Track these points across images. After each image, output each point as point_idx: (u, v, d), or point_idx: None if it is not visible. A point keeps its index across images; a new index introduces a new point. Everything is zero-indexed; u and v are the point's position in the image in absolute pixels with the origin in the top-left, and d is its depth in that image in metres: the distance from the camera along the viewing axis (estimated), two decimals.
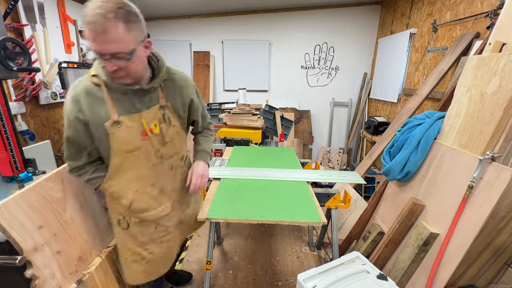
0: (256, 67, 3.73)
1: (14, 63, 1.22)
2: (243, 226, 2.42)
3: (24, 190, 0.93)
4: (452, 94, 1.44)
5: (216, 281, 1.80)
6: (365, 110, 3.70)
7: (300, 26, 3.58)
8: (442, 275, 1.18)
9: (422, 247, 1.28)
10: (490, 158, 1.09)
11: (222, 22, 3.60)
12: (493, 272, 1.26)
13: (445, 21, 2.27)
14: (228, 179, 1.60)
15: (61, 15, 2.29)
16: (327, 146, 4.01)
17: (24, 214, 0.90)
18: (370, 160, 2.43)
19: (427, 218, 1.36)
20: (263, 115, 2.80)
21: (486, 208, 1.07)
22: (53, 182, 1.05)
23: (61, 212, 1.05)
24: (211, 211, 1.24)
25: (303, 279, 1.07)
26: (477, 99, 1.23)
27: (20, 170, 1.15)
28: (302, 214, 1.23)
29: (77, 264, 1.07)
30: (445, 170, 1.33)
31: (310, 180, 1.62)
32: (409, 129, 1.54)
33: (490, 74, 1.19)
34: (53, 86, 2.18)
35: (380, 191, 1.79)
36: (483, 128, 1.18)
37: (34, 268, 0.89)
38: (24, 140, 1.98)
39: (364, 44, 3.61)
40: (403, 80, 2.88)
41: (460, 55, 1.99)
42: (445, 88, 2.19)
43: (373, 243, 1.63)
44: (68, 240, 1.06)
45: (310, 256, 2.07)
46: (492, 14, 1.79)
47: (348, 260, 1.17)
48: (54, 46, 2.21)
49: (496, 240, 1.19)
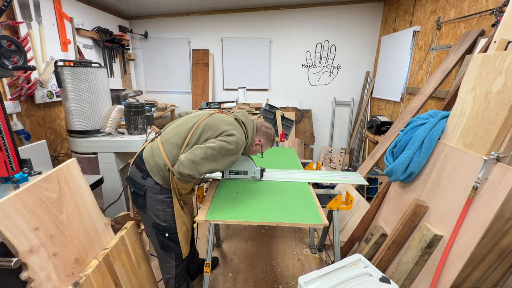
0: (256, 65, 3.70)
1: (9, 61, 1.20)
2: (243, 227, 2.40)
3: (19, 191, 0.92)
4: (456, 93, 1.43)
5: (216, 284, 1.79)
6: (367, 109, 3.67)
7: (301, 23, 3.55)
8: (446, 278, 1.16)
9: (425, 249, 1.26)
10: (495, 159, 1.07)
11: (221, 20, 3.57)
12: (498, 275, 1.24)
13: (449, 18, 2.24)
14: (228, 180, 1.58)
15: (57, 12, 2.27)
16: (328, 146, 3.98)
17: (19, 215, 0.89)
18: (372, 160, 2.41)
19: (430, 219, 1.34)
20: (263, 115, 2.78)
21: (491, 209, 1.05)
22: (49, 182, 1.04)
23: (57, 213, 1.04)
24: (210, 213, 1.23)
25: (304, 282, 1.06)
26: (482, 98, 1.22)
27: (15, 171, 1.13)
28: (303, 215, 1.21)
29: (74, 266, 1.05)
30: (449, 170, 1.31)
31: (311, 181, 1.60)
32: (412, 128, 1.52)
33: (495, 72, 1.17)
34: (49, 85, 2.16)
35: (382, 192, 1.77)
36: (488, 128, 1.16)
37: (29, 270, 0.88)
38: (19, 140, 1.97)
39: (366, 42, 3.57)
40: (406, 78, 2.85)
41: (465, 53, 1.96)
42: (449, 87, 2.16)
43: (376, 245, 1.61)
44: (65, 242, 1.04)
45: (311, 259, 2.05)
46: (497, 12, 1.76)
47: (350, 262, 1.16)
48: (50, 44, 2.19)
49: (502, 242, 1.17)
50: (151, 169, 1.25)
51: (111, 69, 3.14)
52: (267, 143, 1.48)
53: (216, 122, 1.29)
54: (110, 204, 2.09)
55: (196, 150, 1.16)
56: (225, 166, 1.24)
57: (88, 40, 2.75)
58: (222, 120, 1.31)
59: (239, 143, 1.25)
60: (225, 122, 1.29)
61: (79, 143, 2.01)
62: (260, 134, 1.46)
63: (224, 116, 1.35)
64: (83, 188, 1.21)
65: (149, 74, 3.79)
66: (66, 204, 1.09)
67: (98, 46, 2.91)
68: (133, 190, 1.30)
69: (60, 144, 2.39)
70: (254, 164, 1.57)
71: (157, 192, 1.26)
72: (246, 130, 1.35)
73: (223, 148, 1.19)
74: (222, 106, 2.91)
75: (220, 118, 1.32)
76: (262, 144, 1.45)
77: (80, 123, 1.97)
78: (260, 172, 1.58)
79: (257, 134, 1.45)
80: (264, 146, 1.48)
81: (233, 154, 1.24)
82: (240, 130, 1.30)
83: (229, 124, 1.29)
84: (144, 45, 3.67)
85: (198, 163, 1.14)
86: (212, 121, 1.29)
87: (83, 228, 1.15)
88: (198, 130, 1.26)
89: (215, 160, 1.18)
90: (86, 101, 1.94)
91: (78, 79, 1.88)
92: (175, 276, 1.40)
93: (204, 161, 1.15)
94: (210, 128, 1.26)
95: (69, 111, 1.95)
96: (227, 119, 1.32)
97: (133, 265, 1.34)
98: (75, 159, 1.22)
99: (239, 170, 1.58)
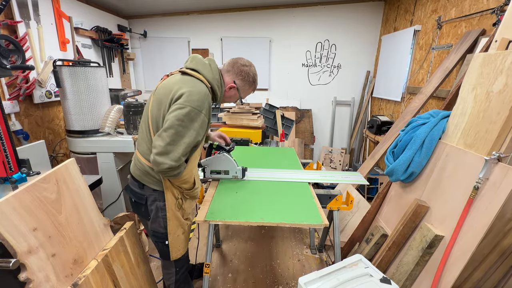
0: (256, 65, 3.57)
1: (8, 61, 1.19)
2: (242, 228, 2.40)
3: (17, 191, 0.92)
4: (457, 92, 1.42)
5: (215, 284, 1.78)
6: (368, 109, 3.66)
7: (301, 23, 3.54)
8: (447, 279, 1.15)
9: (426, 249, 1.26)
10: (496, 159, 1.07)
11: (221, 19, 3.56)
12: (499, 276, 1.24)
13: (450, 17, 2.23)
14: (228, 180, 1.57)
15: (56, 11, 2.26)
16: (329, 146, 3.98)
17: (18, 215, 0.89)
18: (373, 160, 2.40)
19: (431, 220, 1.34)
20: (263, 114, 2.77)
21: (492, 209, 1.05)
22: (47, 183, 1.03)
23: (56, 213, 1.04)
24: (209, 213, 1.22)
25: (304, 282, 1.05)
26: (483, 98, 1.21)
27: (13, 171, 1.13)
28: (303, 216, 1.21)
29: (73, 267, 1.05)
30: (450, 170, 1.30)
31: (311, 181, 1.59)
32: (413, 128, 1.51)
33: (496, 72, 1.16)
34: (47, 85, 2.15)
35: (383, 192, 1.77)
36: (489, 128, 1.15)
37: (28, 271, 0.87)
38: (17, 140, 1.96)
39: (367, 42, 3.57)
40: (407, 78, 2.84)
41: (466, 53, 1.95)
42: (450, 87, 2.16)
43: (376, 245, 1.60)
44: (63, 242, 1.04)
45: (311, 259, 2.05)
46: (499, 11, 1.75)
47: (350, 263, 1.16)
48: (48, 44, 2.18)
49: (503, 242, 1.16)
50: (142, 179, 1.17)
51: (110, 69, 3.13)
52: (244, 84, 1.22)
53: (162, 94, 1.08)
54: (109, 205, 2.08)
55: (156, 141, 1.01)
56: (199, 132, 1.06)
57: (87, 39, 2.74)
58: (167, 86, 1.09)
59: (195, 98, 1.02)
60: (169, 87, 1.07)
61: (78, 143, 2.00)
62: (234, 74, 1.19)
63: (168, 81, 1.13)
64: (82, 189, 1.21)
65: (148, 73, 3.79)
66: (64, 204, 1.08)
67: (97, 45, 2.90)
68: (134, 200, 1.23)
69: (59, 144, 2.38)
70: (235, 164, 1.53)
71: (157, 199, 1.18)
72: (203, 75, 1.11)
73: (179, 117, 1.00)
74: (222, 106, 2.90)
75: (165, 86, 1.10)
76: (238, 86, 1.20)
77: (79, 123, 1.97)
78: (242, 172, 1.54)
79: (229, 73, 1.20)
80: (242, 89, 1.23)
81: (197, 114, 1.03)
82: (190, 82, 1.07)
83: (175, 84, 1.07)
84: (143, 45, 3.66)
85: (168, 151, 1.00)
86: (158, 96, 1.09)
87: (82, 228, 1.14)
88: (153, 114, 1.09)
89: (182, 135, 1.01)
90: (85, 101, 1.93)
91: (77, 79, 1.87)
92: (175, 282, 1.33)
93: (171, 146, 1.00)
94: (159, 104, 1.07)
95: (68, 111, 1.94)
96: (171, 81, 1.11)
97: (132, 265, 1.33)
98: (73, 159, 1.21)
99: (220, 169, 1.53)
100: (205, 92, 1.07)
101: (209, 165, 1.52)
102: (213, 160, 1.51)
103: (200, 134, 1.07)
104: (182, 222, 1.24)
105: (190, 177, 1.18)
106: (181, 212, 1.23)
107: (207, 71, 1.12)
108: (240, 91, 1.23)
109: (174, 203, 1.19)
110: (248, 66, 1.23)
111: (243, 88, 1.24)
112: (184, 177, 1.14)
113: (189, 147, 1.05)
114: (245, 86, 1.24)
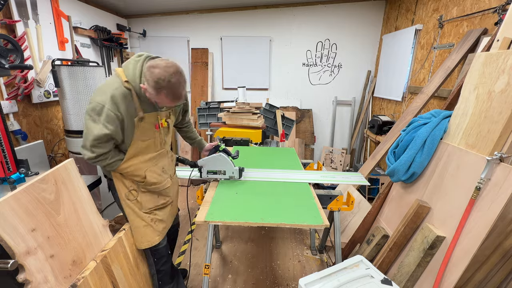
0: (256, 64, 3.68)
1: (6, 60, 1.19)
2: (242, 229, 2.39)
3: (16, 192, 0.91)
4: (459, 92, 1.41)
5: (215, 285, 1.77)
6: (369, 109, 3.65)
7: (301, 22, 3.53)
8: (448, 280, 1.15)
9: (428, 250, 1.25)
10: (498, 159, 1.06)
11: (221, 18, 3.55)
12: (501, 277, 1.23)
13: (452, 17, 2.22)
14: (227, 181, 1.56)
15: (54, 11, 2.25)
16: (329, 146, 3.97)
17: (16, 216, 0.88)
18: (374, 160, 2.39)
19: (433, 220, 1.33)
20: (264, 114, 2.76)
21: (494, 210, 1.04)
22: (46, 183, 1.02)
23: (55, 214, 1.03)
24: (209, 214, 1.21)
25: (305, 283, 1.05)
26: (485, 98, 1.20)
27: (12, 171, 1.13)
28: (303, 216, 1.20)
29: (71, 268, 1.04)
30: (451, 171, 1.29)
31: (312, 181, 1.59)
32: (414, 128, 1.51)
33: (498, 71, 1.16)
34: (46, 85, 2.15)
35: (384, 193, 1.76)
36: (491, 128, 1.15)
37: (26, 272, 0.87)
38: (16, 140, 1.95)
39: (368, 41, 3.55)
40: (408, 78, 2.83)
41: (467, 52, 1.94)
42: (452, 86, 2.15)
43: (377, 246, 1.60)
44: (62, 243, 1.03)
45: (312, 260, 2.04)
46: (500, 10, 1.74)
47: (351, 264, 1.16)
48: (47, 43, 2.18)
49: (505, 243, 1.16)
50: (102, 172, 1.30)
51: (109, 68, 3.12)
52: (150, 88, 1.05)
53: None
54: (108, 205, 2.07)
55: None
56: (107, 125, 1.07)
57: (85, 38, 2.73)
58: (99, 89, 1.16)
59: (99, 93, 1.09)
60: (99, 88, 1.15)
61: (76, 143, 2.00)
62: (145, 75, 1.06)
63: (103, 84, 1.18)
64: (81, 189, 1.20)
65: None
66: (63, 205, 1.07)
67: (96, 45, 2.89)
68: None
69: (58, 144, 2.38)
70: (232, 164, 1.54)
71: (111, 187, 1.31)
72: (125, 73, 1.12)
73: (87, 112, 1.09)
74: (222, 105, 2.89)
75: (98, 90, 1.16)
76: (149, 93, 1.07)
77: (77, 123, 1.96)
78: (239, 172, 1.55)
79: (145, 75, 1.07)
80: (150, 94, 1.07)
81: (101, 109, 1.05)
82: (109, 79, 1.16)
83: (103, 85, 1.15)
84: (142, 44, 3.65)
85: (84, 144, 1.11)
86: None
87: (80, 229, 1.13)
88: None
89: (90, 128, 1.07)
90: (84, 101, 1.93)
91: (76, 79, 1.87)
92: (157, 273, 1.42)
93: (84, 139, 1.10)
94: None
95: (67, 110, 1.93)
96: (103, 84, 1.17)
97: (131, 266, 1.33)
98: (72, 159, 1.21)
99: (217, 170, 1.54)
100: (115, 88, 1.09)
101: (205, 165, 1.53)
102: (209, 161, 1.52)
103: (109, 128, 1.08)
104: (141, 215, 1.29)
105: (136, 170, 1.23)
106: (136, 205, 1.28)
107: (128, 69, 1.11)
108: (155, 99, 1.10)
109: (125, 192, 1.26)
110: (156, 67, 1.03)
111: (150, 93, 1.07)
112: (127, 169, 1.21)
113: (100, 140, 1.08)
114: (151, 91, 1.06)
